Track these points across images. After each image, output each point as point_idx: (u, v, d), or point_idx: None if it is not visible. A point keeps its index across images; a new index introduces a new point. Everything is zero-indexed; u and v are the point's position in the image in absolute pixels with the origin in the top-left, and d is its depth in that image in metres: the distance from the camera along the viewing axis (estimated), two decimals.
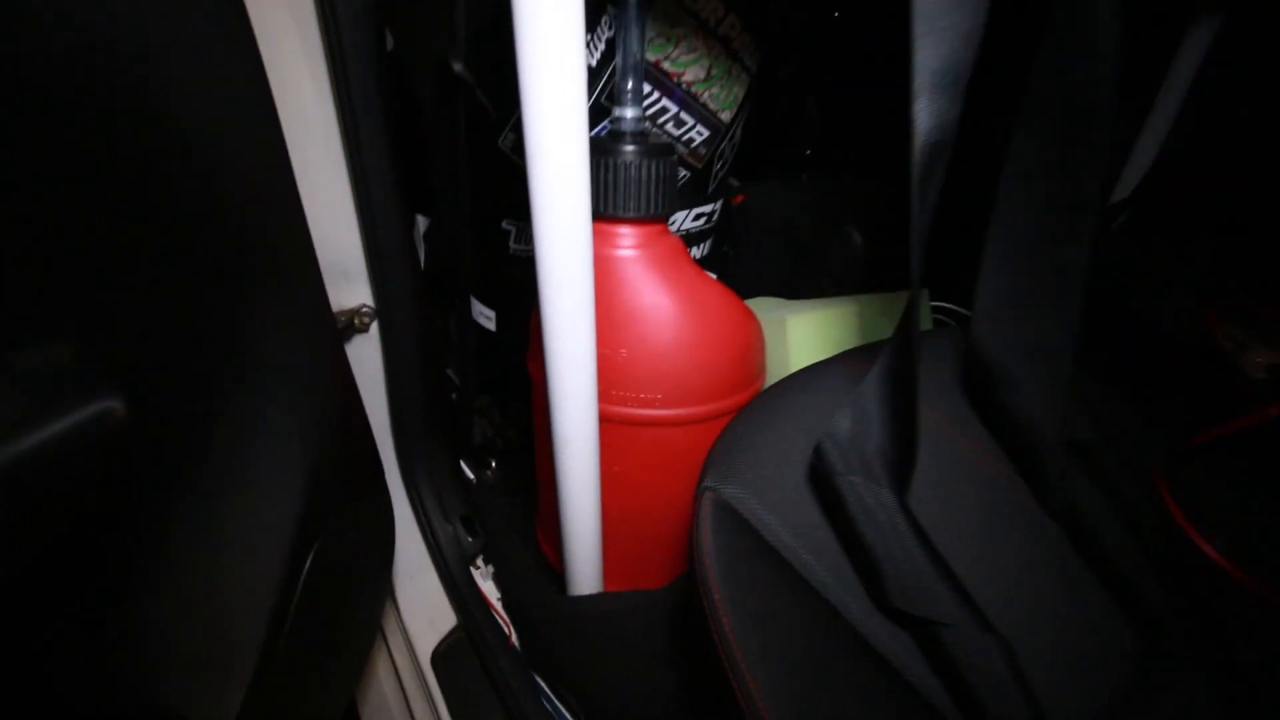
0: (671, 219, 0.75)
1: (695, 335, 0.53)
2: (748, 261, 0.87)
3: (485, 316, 0.78)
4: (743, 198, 0.89)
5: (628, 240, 0.55)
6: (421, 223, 0.81)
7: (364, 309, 0.51)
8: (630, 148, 0.52)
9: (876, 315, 0.67)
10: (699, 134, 0.70)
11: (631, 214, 0.53)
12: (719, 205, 0.81)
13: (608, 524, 0.59)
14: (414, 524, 0.60)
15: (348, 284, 0.50)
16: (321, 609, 0.39)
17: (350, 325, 0.51)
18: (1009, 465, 0.44)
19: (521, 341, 0.64)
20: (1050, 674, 0.33)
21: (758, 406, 0.48)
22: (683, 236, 0.77)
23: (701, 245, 0.82)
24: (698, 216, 0.78)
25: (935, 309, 0.77)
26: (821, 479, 0.39)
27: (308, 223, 0.37)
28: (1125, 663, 0.35)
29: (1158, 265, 0.60)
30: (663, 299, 0.54)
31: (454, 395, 0.84)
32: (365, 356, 0.54)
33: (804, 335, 0.63)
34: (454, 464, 0.62)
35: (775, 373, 0.63)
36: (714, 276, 0.59)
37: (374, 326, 0.53)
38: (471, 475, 0.76)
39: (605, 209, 0.53)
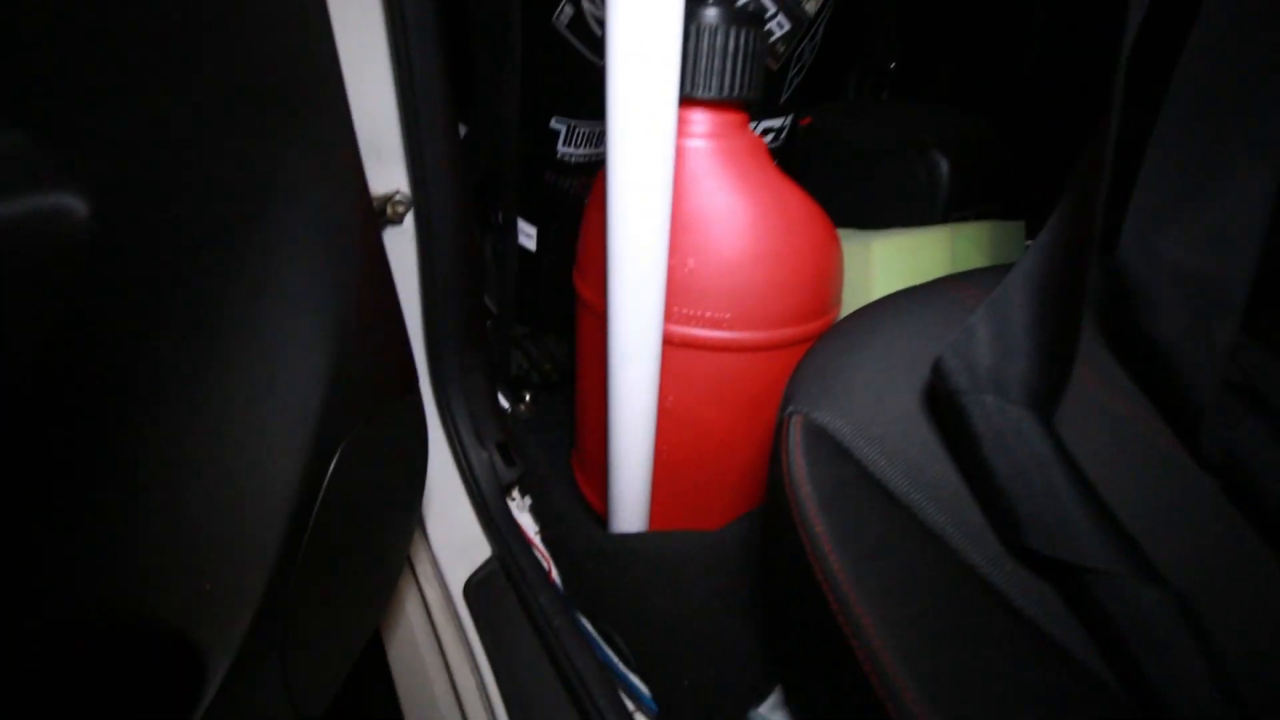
0: None
1: (775, 246, 0.46)
2: (814, 191, 0.80)
3: (526, 235, 0.71)
4: (810, 119, 0.81)
5: (702, 128, 0.47)
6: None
7: (398, 196, 0.45)
8: (713, 10, 0.44)
9: (969, 245, 0.59)
10: (779, 26, 0.61)
11: (710, 95, 0.46)
12: (788, 122, 0.73)
13: (658, 463, 0.54)
14: (446, 445, 0.55)
15: (380, 164, 0.44)
16: (347, 523, 0.34)
17: (382, 213, 0.45)
18: (1150, 408, 0.37)
19: (563, 263, 0.58)
20: (1236, 641, 0.27)
21: (847, 329, 0.42)
22: None
23: None
24: (765, 131, 0.70)
25: None
26: (941, 399, 0.33)
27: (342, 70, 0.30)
28: None
29: None
30: (740, 201, 0.47)
31: (489, 324, 0.79)
32: (398, 252, 0.48)
33: (889, 263, 0.56)
34: (490, 387, 0.56)
35: (854, 303, 0.56)
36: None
37: (409, 219, 0.47)
38: (507, 405, 0.71)
39: (685, 89, 0.46)
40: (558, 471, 0.62)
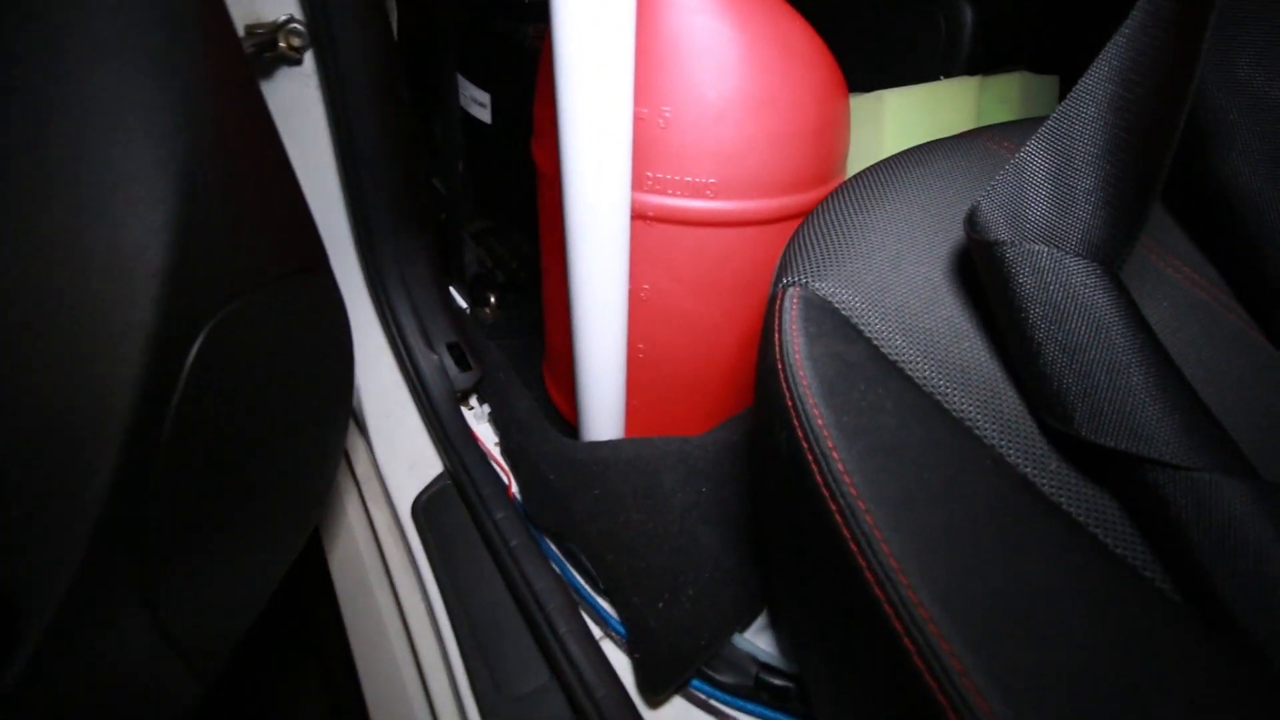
0: None
1: (771, 90, 0.38)
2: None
3: (478, 103, 0.61)
4: None
5: None
6: None
7: (291, 25, 0.35)
8: None
9: (996, 100, 0.51)
10: None
11: None
12: None
13: (633, 363, 0.47)
14: (388, 347, 0.48)
15: None
16: (227, 430, 0.28)
17: (270, 46, 0.35)
18: (1218, 279, 0.30)
19: (524, 138, 0.49)
20: None
21: (856, 187, 0.34)
22: None
23: None
24: None
25: None
26: (980, 252, 0.26)
27: None
28: None
29: None
30: (729, 30, 0.37)
31: (442, 215, 0.70)
32: (298, 100, 0.39)
33: (905, 120, 0.47)
34: (438, 280, 0.49)
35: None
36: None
37: (308, 59, 0.37)
38: (465, 306, 0.63)
39: None
40: (526, 377, 0.56)
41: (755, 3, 0.38)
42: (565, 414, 0.57)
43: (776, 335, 0.27)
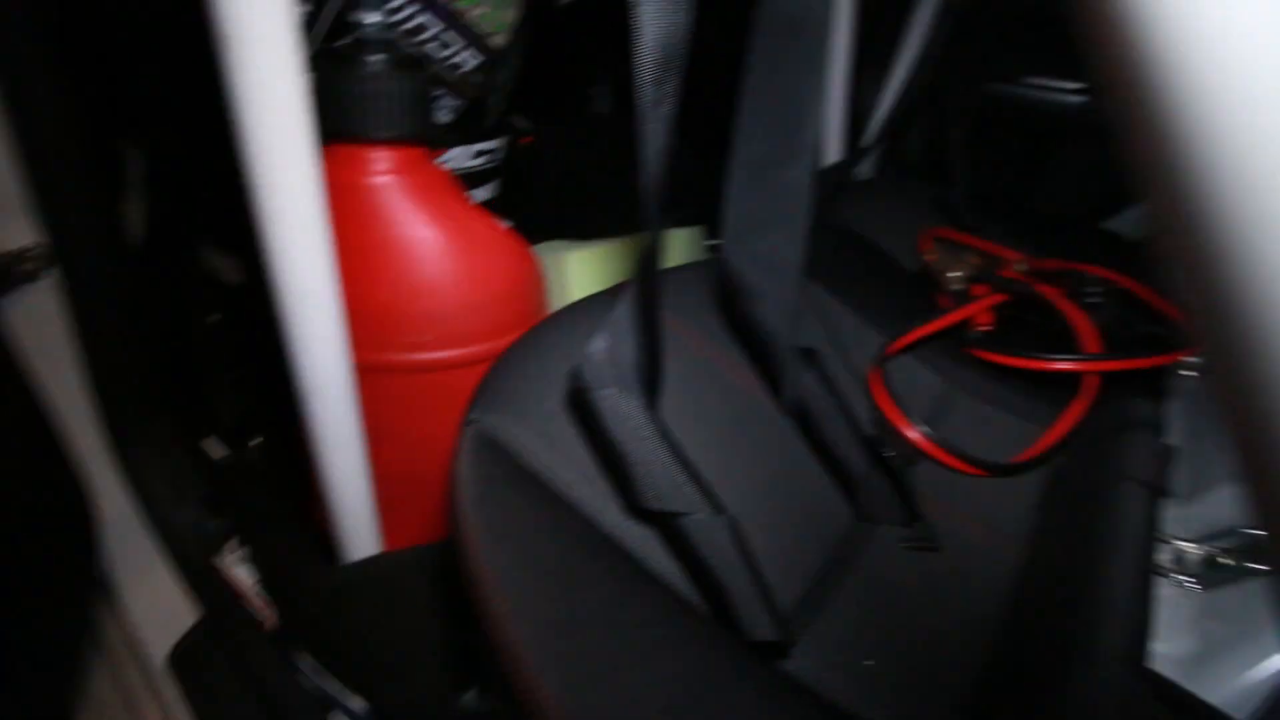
0: (446, 155, 0.73)
1: (463, 269, 0.53)
2: (542, 206, 0.88)
3: (226, 265, 0.69)
4: (531, 139, 0.89)
5: (382, 165, 0.52)
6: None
7: (29, 252, 0.43)
8: (374, 58, 0.50)
9: (675, 249, 0.71)
10: (468, 59, 0.68)
11: (383, 134, 0.51)
12: (504, 143, 0.80)
13: (383, 481, 0.57)
14: (135, 510, 0.52)
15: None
16: None
17: (6, 273, 0.42)
18: (751, 370, 0.50)
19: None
20: (771, 542, 0.40)
21: (526, 338, 0.50)
22: (463, 176, 0.76)
23: (486, 186, 0.81)
24: (479, 154, 0.77)
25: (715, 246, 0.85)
26: (578, 396, 0.42)
27: None
28: (840, 525, 0.42)
29: (887, 199, 0.72)
30: (425, 231, 0.52)
31: (200, 369, 0.75)
32: (38, 311, 0.45)
33: (584, 271, 0.66)
34: (182, 439, 0.55)
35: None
36: (497, 219, 0.59)
37: (48, 275, 0.45)
38: (225, 452, 0.68)
39: (351, 129, 0.50)
40: (290, 510, 0.63)
41: (446, 210, 0.54)
42: (327, 535, 0.64)
43: (453, 466, 0.40)
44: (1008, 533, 0.43)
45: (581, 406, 0.42)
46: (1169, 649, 0.36)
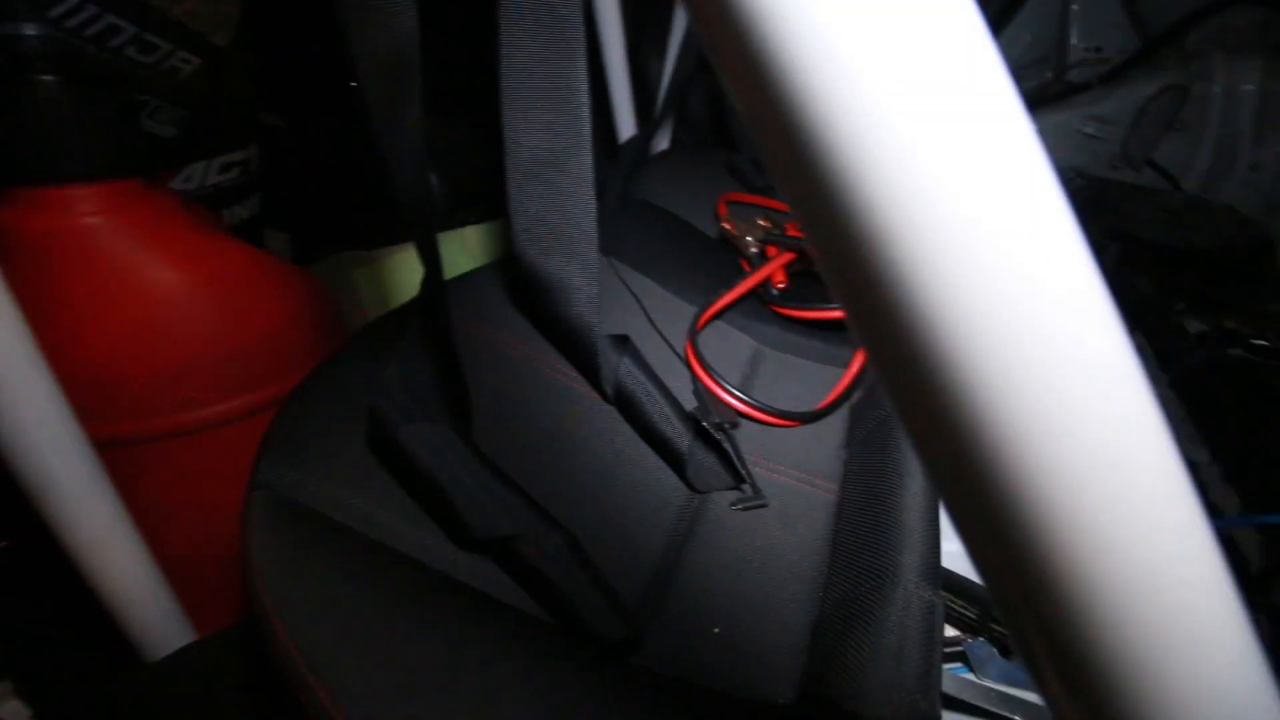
0: (185, 174, 0.63)
1: (214, 312, 0.46)
2: (320, 214, 0.79)
3: None
4: (293, 138, 0.80)
5: (84, 206, 0.43)
6: None
7: None
8: (46, 78, 0.40)
9: (460, 250, 0.68)
10: (185, 62, 0.58)
11: (75, 170, 0.42)
12: (257, 149, 0.71)
13: (179, 561, 0.49)
14: None
15: None
16: None
17: None
18: (569, 365, 0.49)
19: None
20: (611, 537, 0.40)
21: (311, 378, 0.44)
22: (209, 196, 0.66)
23: (247, 202, 0.71)
24: (226, 168, 0.67)
25: None
26: (381, 433, 0.38)
27: None
28: (677, 501, 0.44)
29: (683, 169, 0.74)
30: (155, 274, 0.44)
31: None
32: None
33: (378, 285, 0.60)
34: None
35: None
36: (264, 240, 0.51)
37: None
38: None
39: (31, 169, 0.41)
40: (66, 615, 0.52)
41: (183, 247, 0.46)
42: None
43: (242, 545, 0.35)
44: (824, 476, 0.47)
45: (386, 445, 0.39)
46: (954, 546, 0.41)
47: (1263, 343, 0.53)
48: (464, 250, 0.68)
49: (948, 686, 0.36)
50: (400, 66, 0.33)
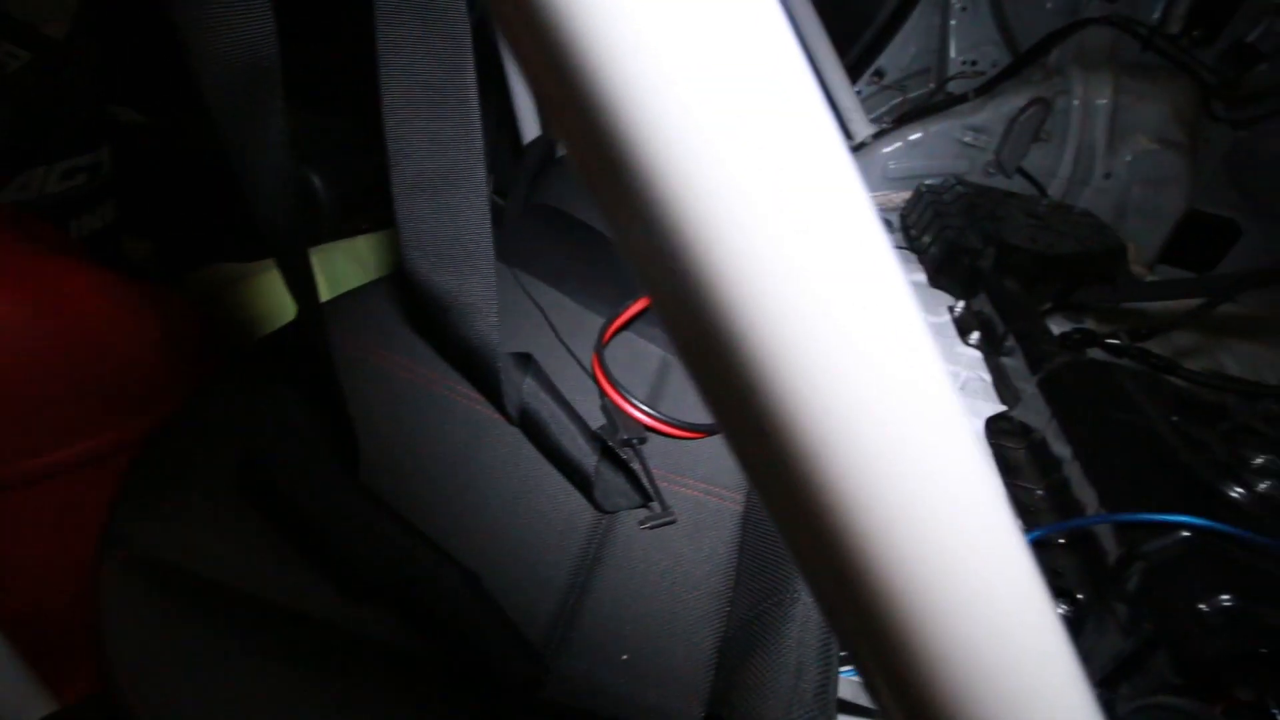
0: (19, 182, 0.55)
1: (45, 345, 0.40)
2: (188, 221, 0.72)
3: None
4: (152, 136, 0.72)
5: None
6: None
7: None
8: None
9: (350, 262, 0.64)
10: (11, 57, 0.51)
11: None
12: (109, 150, 0.63)
13: (30, 624, 0.44)
14: None
15: None
16: None
17: None
18: (470, 387, 0.47)
19: None
20: (516, 570, 0.39)
21: (177, 419, 0.40)
22: (53, 204, 0.58)
23: (99, 210, 0.64)
24: (71, 173, 0.60)
25: None
26: (256, 478, 0.35)
27: None
28: (585, 524, 0.43)
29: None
30: None
31: None
32: None
33: (257, 303, 0.56)
34: None
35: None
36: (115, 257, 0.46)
37: None
38: None
39: None
40: None
41: (9, 272, 0.40)
42: None
43: (96, 621, 0.31)
44: (730, 487, 0.48)
45: (261, 489, 0.36)
46: None
47: (1115, 341, 0.58)
48: (355, 262, 0.64)
49: (844, 691, 0.38)
50: (256, 74, 0.30)
